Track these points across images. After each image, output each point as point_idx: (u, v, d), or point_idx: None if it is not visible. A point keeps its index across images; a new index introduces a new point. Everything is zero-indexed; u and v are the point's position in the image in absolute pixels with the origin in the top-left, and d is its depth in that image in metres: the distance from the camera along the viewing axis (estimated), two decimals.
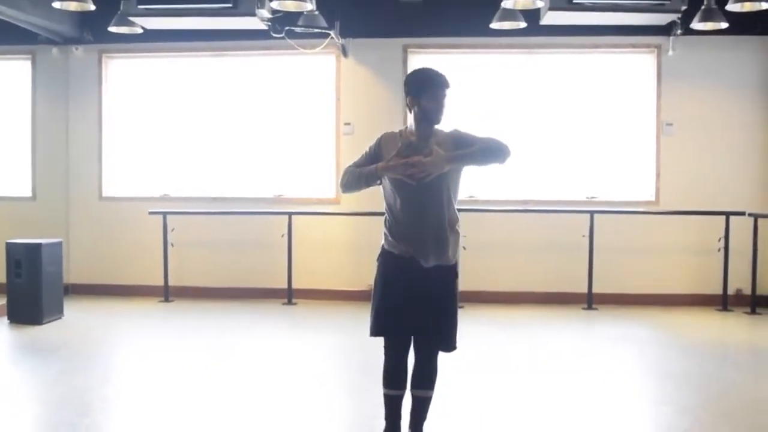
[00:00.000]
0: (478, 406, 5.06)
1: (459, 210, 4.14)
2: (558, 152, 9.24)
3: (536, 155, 9.23)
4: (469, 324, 8.10)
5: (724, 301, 8.73)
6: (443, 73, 4.12)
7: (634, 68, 9.24)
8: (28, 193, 9.68)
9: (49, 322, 7.76)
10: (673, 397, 5.38)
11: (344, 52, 9.18)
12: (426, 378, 4.07)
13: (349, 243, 9.22)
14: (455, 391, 5.28)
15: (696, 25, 7.91)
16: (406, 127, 4.16)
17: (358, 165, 4.18)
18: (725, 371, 6.27)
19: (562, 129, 9.23)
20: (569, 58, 9.31)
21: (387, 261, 4.11)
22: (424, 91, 4.08)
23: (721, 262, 8.71)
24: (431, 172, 3.84)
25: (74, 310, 8.30)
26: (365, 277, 9.16)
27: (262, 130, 9.50)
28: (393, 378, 4.10)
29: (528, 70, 9.29)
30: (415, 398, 4.10)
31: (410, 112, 4.11)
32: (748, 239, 8.60)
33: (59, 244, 8.10)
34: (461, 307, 4.52)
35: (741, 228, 8.62)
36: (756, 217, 8.61)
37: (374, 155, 4.14)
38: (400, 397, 4.11)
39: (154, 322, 8.21)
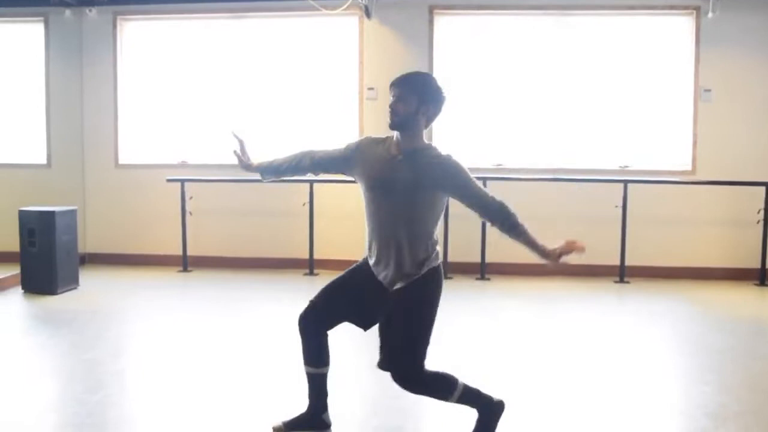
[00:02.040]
0: (508, 382, 4.79)
1: (486, 178, 3.80)
2: (590, 119, 8.89)
3: (568, 122, 8.89)
4: (497, 297, 7.90)
5: (762, 276, 8.39)
6: None
7: (671, 31, 8.83)
8: (43, 161, 9.47)
9: (64, 292, 7.56)
10: (712, 376, 5.08)
11: (368, 14, 8.84)
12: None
13: None
14: (484, 366, 5.04)
15: None
16: (393, 137, 3.78)
17: (316, 153, 3.90)
18: (765, 348, 5.97)
19: (595, 95, 8.87)
20: (603, 21, 8.92)
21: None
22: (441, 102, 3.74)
23: (759, 234, 8.36)
24: None
25: (90, 280, 8.10)
26: None
27: (282, 95, 9.21)
28: (307, 353, 3.84)
29: (560, 33, 8.91)
30: None
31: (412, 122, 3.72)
32: None
33: (74, 212, 7.88)
34: (487, 279, 4.21)
35: None
36: None
37: (346, 157, 3.82)
38: (315, 375, 3.84)
39: (172, 293, 7.99)
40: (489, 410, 3.75)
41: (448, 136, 8.93)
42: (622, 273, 8.47)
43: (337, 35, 9.12)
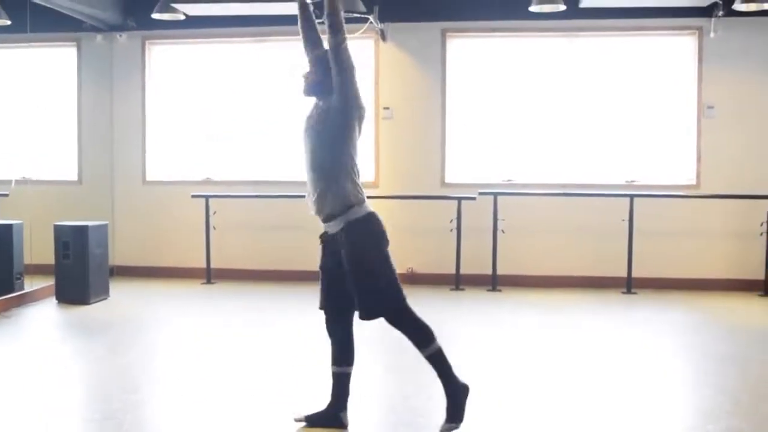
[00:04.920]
0: (516, 390, 5.10)
1: (497, 194, 4.14)
2: (598, 136, 9.21)
3: (576, 139, 9.22)
4: (508, 308, 8.20)
5: (766, 287, 8.63)
6: None
7: (674, 51, 9.17)
8: (74, 177, 9.90)
9: (96, 302, 7.95)
10: (713, 380, 5.38)
11: (383, 37, 9.23)
12: (411, 342, 4.07)
13: (388, 226, 9.22)
14: (492, 375, 5.34)
15: (738, 6, 7.84)
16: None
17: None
18: (766, 354, 6.25)
19: (602, 112, 9.20)
20: (609, 41, 9.27)
21: None
22: None
23: (763, 246, 8.61)
24: None
25: (119, 291, 8.49)
26: (405, 260, 9.28)
27: (302, 115, 9.56)
28: (331, 353, 4.20)
29: (568, 54, 9.26)
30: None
31: None
32: None
33: (105, 226, 8.29)
34: (499, 290, 4.54)
35: None
36: None
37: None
38: (338, 374, 4.17)
39: (197, 303, 8.36)
40: (458, 391, 4.02)
41: (461, 152, 9.31)
42: (629, 284, 8.75)
43: (355, 58, 9.46)
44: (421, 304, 7.89)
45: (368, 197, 4.22)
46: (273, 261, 9.53)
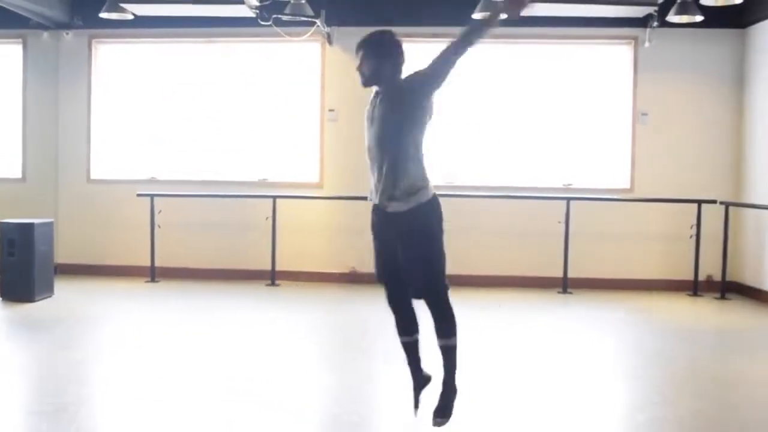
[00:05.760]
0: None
1: (440, 195, 4.30)
2: (537, 140, 9.51)
3: (515, 143, 9.51)
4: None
5: (695, 287, 9.01)
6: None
7: (611, 59, 9.51)
8: (18, 175, 9.86)
9: (41, 299, 7.94)
10: (642, 373, 5.67)
11: (329, 40, 9.38)
12: (436, 328, 4.15)
13: (332, 226, 9.47)
14: (433, 371, 5.53)
15: (672, 17, 8.21)
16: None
17: None
18: (692, 350, 6.56)
19: (541, 118, 9.49)
20: (549, 49, 9.56)
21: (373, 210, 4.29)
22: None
23: (692, 248, 8.99)
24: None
25: (64, 289, 8.47)
26: (347, 259, 9.47)
27: (248, 116, 9.72)
28: (398, 325, 4.31)
29: (509, 60, 9.53)
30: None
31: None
32: (719, 227, 8.88)
33: (50, 224, 8.29)
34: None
35: (712, 216, 8.91)
36: (727, 205, 8.90)
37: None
38: (410, 343, 4.30)
39: (141, 301, 8.42)
40: (454, 389, 4.21)
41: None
42: (565, 284, 9.04)
43: (301, 60, 9.64)
44: (364, 302, 8.10)
45: (312, 197, 4.36)
46: (216, 260, 9.62)
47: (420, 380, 4.38)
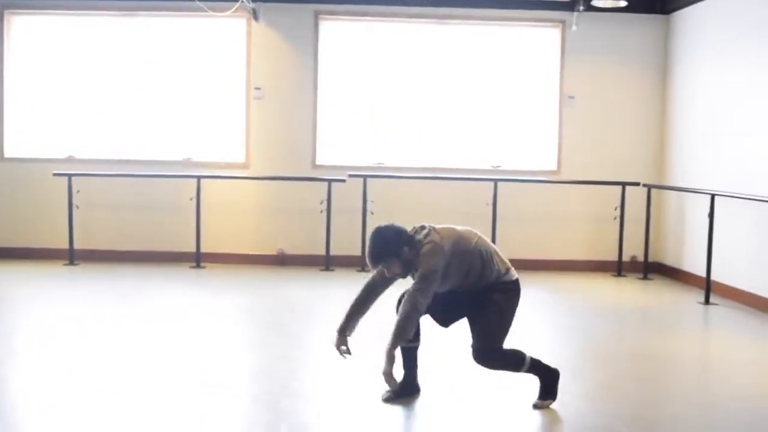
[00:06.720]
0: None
1: (367, 176, 4.25)
2: (465, 122, 9.49)
3: (444, 124, 9.47)
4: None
5: (619, 267, 9.17)
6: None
7: (539, 42, 9.53)
8: None
9: None
10: (557, 350, 5.71)
11: (255, 16, 9.17)
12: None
13: (258, 207, 9.31)
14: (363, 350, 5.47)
15: (597, 2, 8.28)
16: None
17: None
18: (610, 327, 6.75)
19: (469, 99, 9.47)
20: (477, 30, 9.53)
21: None
22: None
23: (617, 230, 9.13)
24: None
25: None
26: (273, 241, 9.33)
27: (171, 93, 9.43)
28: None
29: (437, 40, 9.47)
30: None
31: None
32: (642, 209, 9.02)
33: None
34: (367, 271, 4.67)
35: (636, 198, 9.06)
36: (649, 187, 9.06)
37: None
38: (407, 348, 4.51)
39: (60, 285, 8.12)
40: (551, 376, 4.48)
41: (332, 135, 9.39)
42: None
43: (226, 36, 9.40)
44: (291, 284, 8.00)
45: (238, 177, 4.25)
46: (139, 242, 9.35)
47: (406, 387, 4.55)
